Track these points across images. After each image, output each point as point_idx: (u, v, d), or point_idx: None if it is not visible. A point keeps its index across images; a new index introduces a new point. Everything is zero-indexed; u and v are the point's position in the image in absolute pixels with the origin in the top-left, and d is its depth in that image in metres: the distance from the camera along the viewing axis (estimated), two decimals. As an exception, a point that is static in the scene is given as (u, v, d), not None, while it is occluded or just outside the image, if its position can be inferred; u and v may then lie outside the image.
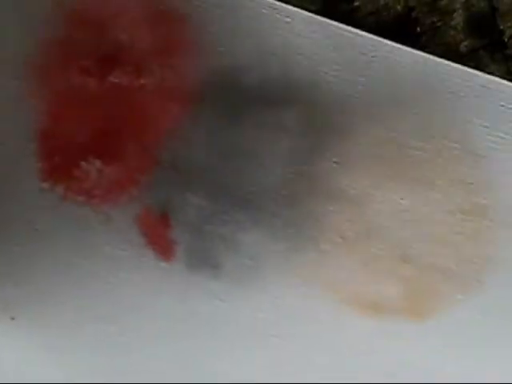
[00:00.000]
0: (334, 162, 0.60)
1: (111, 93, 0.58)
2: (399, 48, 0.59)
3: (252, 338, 0.60)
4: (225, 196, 0.59)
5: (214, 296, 0.60)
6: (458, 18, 0.61)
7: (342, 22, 0.59)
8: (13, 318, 0.60)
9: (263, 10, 0.58)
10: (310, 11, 0.59)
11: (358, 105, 0.60)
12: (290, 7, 0.59)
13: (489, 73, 0.60)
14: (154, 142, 0.59)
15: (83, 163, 0.58)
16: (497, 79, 0.60)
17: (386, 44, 0.59)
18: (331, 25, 0.59)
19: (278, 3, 0.59)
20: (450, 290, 0.61)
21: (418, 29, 0.61)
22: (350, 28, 0.59)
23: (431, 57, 0.60)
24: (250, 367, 0.60)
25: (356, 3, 0.60)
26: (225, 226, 0.59)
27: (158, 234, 0.59)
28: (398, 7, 0.61)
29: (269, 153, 0.59)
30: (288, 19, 0.58)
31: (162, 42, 0.58)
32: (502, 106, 0.60)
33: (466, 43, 0.61)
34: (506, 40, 0.61)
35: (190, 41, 0.58)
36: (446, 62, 0.60)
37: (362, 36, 0.59)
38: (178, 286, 0.59)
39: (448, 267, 0.61)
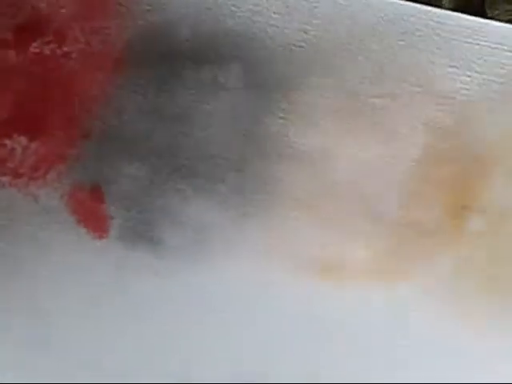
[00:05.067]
0: (281, 118, 0.54)
1: (33, 64, 0.54)
2: (347, -9, 0.54)
3: (199, 318, 0.52)
4: (162, 164, 0.53)
5: (155, 274, 0.53)
6: (447, 6, 0.60)
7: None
8: None
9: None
10: None
11: (302, 55, 0.54)
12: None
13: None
14: (81, 112, 0.54)
15: (7, 141, 0.53)
16: (457, 14, 0.54)
17: (330, -12, 0.54)
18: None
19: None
20: (423, 246, 0.52)
21: None
22: (286, -28, 0.54)
23: (386, -2, 0.54)
24: (196, 349, 0.52)
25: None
26: (164, 196, 0.53)
27: (91, 211, 0.53)
28: None
29: (208, 114, 0.54)
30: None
31: (83, 6, 0.54)
32: (466, 42, 0.54)
33: None
34: None
35: (113, 2, 0.54)
36: (400, 1, 0.54)
37: (301, -20, 0.54)
38: (115, 264, 0.53)
39: (419, 221, 0.53)
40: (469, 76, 0.54)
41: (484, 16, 0.57)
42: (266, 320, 0.53)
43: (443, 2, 0.58)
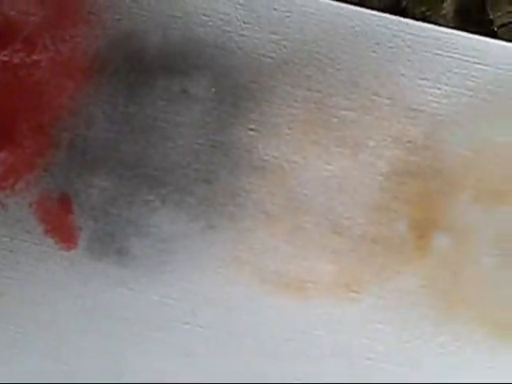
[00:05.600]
0: (251, 130, 0.54)
1: (2, 72, 0.54)
2: (319, 1, 0.54)
3: (164, 328, 0.53)
4: (131, 175, 0.53)
5: (121, 284, 0.53)
6: (448, 8, 0.59)
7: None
8: None
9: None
10: None
11: (273, 65, 0.54)
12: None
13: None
14: (50, 121, 0.53)
15: (-25, 150, 0.53)
16: (429, 26, 0.54)
17: (301, -3, 0.54)
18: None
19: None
20: (388, 262, 0.53)
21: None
22: (256, -19, 0.54)
23: (354, 7, 0.54)
24: (161, 359, 0.53)
25: (345, -8, 0.57)
26: (131, 207, 0.53)
27: (59, 221, 0.53)
28: None
29: (176, 125, 0.53)
30: (188, -22, 0.54)
31: (53, 15, 0.54)
32: (437, 54, 0.54)
33: None
34: (495, 29, 0.59)
35: (84, 10, 0.54)
36: (371, 11, 0.54)
37: (272, -10, 0.54)
38: (82, 275, 0.53)
39: (385, 236, 0.53)
40: (438, 88, 0.54)
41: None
42: (229, 332, 0.53)
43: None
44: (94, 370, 0.53)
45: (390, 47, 0.54)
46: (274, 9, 0.54)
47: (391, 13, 0.57)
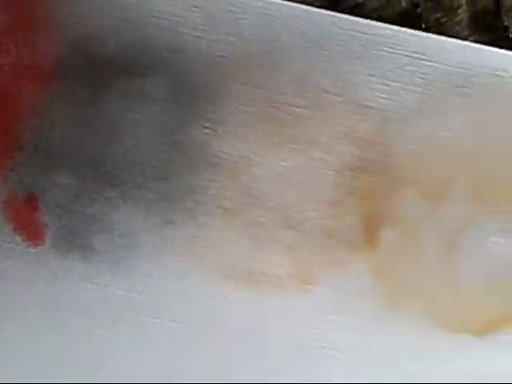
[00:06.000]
0: (206, 128, 0.56)
1: (-33, 77, 0.56)
2: (273, 2, 0.55)
3: (126, 321, 0.55)
4: (92, 173, 0.56)
5: (85, 279, 0.55)
6: (463, 14, 0.60)
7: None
8: None
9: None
10: (314, 6, 0.56)
11: (228, 66, 0.56)
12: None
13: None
14: (15, 124, 0.56)
15: None
16: (377, 24, 0.56)
17: (257, -1, 0.55)
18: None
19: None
20: (339, 252, 0.55)
21: (423, 25, 0.59)
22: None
23: (310, 8, 0.56)
24: (124, 353, 0.55)
25: (360, -1, 0.58)
26: (94, 204, 0.56)
27: (26, 219, 0.56)
28: (403, 3, 0.59)
29: (135, 124, 0.56)
30: (142, -19, 0.56)
31: (15, 20, 0.56)
32: (386, 51, 0.55)
33: (470, 39, 0.59)
34: (510, 36, 0.59)
35: (44, 14, 0.56)
36: (324, 11, 0.56)
37: (228, -8, 0.55)
38: (49, 271, 0.55)
39: (336, 230, 0.55)
40: (387, 85, 0.56)
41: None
42: (187, 326, 0.56)
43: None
44: (63, 366, 0.56)
45: (340, 45, 0.56)
46: (229, 11, 0.56)
47: (406, 20, 0.58)
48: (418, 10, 0.59)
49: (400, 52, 0.56)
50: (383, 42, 0.56)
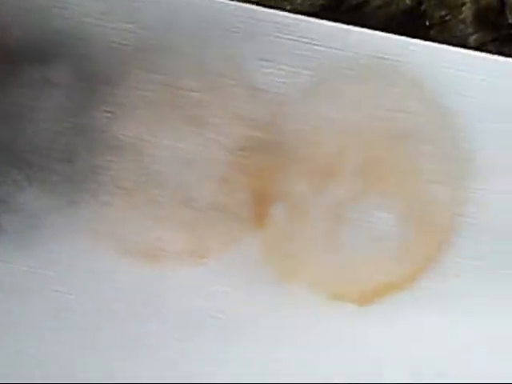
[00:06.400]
0: (107, 112, 0.58)
1: None
2: (171, -9, 0.58)
3: (32, 295, 0.58)
4: (0, 158, 0.58)
5: (-2, 259, 0.58)
6: (467, 12, 0.60)
7: (350, 16, 0.59)
8: None
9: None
10: (318, 5, 0.58)
11: (127, 52, 0.58)
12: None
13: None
14: None
15: None
16: (270, 10, 0.58)
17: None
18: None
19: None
20: (232, 228, 0.58)
21: (427, 22, 0.60)
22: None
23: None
24: (32, 328, 0.58)
25: (364, -3, 0.59)
26: (2, 187, 0.58)
27: None
28: (407, 1, 0.60)
29: (39, 110, 0.58)
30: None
31: None
32: (278, 37, 0.58)
33: (474, 37, 0.60)
34: None
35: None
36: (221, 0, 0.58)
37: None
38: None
39: (228, 206, 0.58)
40: (280, 69, 0.59)
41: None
42: (91, 298, 0.58)
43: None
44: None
45: (235, 32, 0.59)
46: (130, 0, 0.59)
47: (410, 17, 0.60)
48: (422, 8, 0.60)
49: (292, 38, 0.59)
50: (275, 28, 0.59)
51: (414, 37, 0.57)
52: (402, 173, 0.58)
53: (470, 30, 0.60)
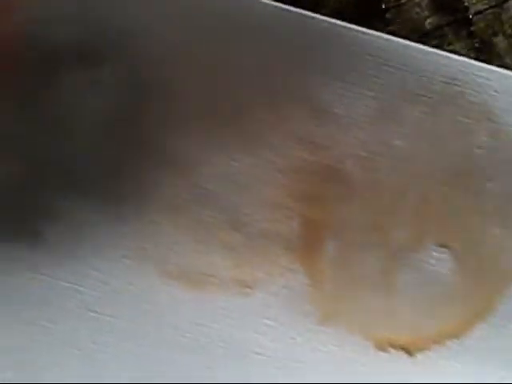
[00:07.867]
0: (158, 122, 0.55)
1: None
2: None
3: (73, 316, 0.56)
4: (41, 162, 0.56)
5: (34, 270, 0.56)
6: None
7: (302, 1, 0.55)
8: None
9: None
10: None
11: (187, 58, 0.55)
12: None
13: (452, 51, 0.57)
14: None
15: None
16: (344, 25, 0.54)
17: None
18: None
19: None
20: (281, 257, 0.55)
21: (383, 6, 0.58)
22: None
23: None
24: (69, 348, 0.56)
25: (319, -20, 0.58)
26: (44, 192, 0.56)
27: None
28: None
29: (85, 116, 0.55)
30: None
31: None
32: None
33: (430, 20, 0.59)
34: (470, 17, 0.59)
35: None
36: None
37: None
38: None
39: (279, 234, 0.55)
40: (347, 90, 0.55)
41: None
42: (131, 321, 0.56)
43: None
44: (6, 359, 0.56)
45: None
46: None
47: (365, 5, 0.57)
48: (378, -7, 0.58)
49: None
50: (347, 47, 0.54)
51: (368, 20, 0.56)
52: (465, 213, 0.54)
53: (426, 13, 0.58)
